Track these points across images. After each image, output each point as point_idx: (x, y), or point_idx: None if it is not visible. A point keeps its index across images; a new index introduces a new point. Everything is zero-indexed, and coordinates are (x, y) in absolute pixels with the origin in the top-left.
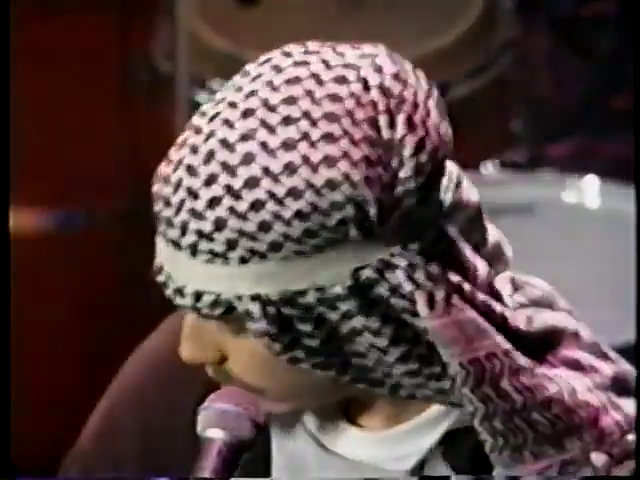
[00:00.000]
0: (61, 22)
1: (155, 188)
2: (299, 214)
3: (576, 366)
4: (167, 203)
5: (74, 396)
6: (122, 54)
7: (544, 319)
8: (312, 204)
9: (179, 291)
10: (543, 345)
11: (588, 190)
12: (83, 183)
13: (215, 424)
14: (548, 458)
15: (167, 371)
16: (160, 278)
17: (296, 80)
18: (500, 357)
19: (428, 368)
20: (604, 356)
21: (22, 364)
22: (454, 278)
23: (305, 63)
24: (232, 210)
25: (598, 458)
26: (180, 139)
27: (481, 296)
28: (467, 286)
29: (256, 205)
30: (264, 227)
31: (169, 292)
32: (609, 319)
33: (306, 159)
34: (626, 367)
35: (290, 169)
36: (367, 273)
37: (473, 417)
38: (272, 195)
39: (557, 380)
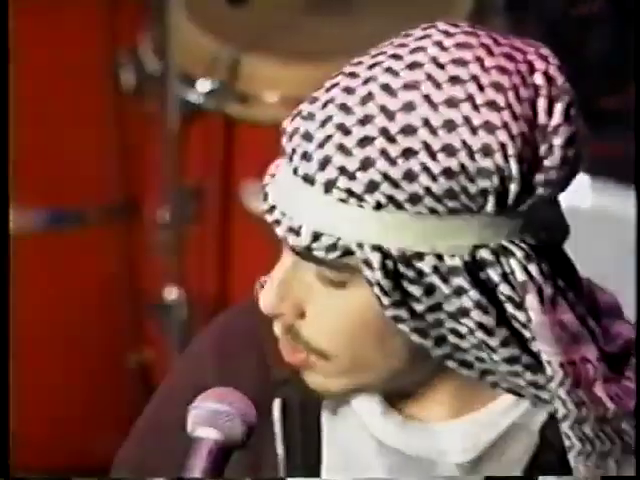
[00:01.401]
0: (47, 20)
1: (291, 124)
2: (447, 172)
3: None
4: (308, 137)
5: (64, 395)
6: (111, 53)
7: (618, 330)
8: (462, 165)
9: (295, 230)
10: (621, 359)
11: (579, 189)
12: (72, 182)
13: (206, 423)
14: (630, 468)
15: (216, 370)
16: (272, 217)
17: (467, 45)
18: (594, 363)
19: (527, 357)
20: None
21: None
22: (560, 282)
23: (475, 34)
24: (383, 152)
25: None
26: (328, 83)
27: (579, 306)
28: (570, 293)
29: (408, 153)
30: (410, 176)
31: (282, 230)
32: None
33: (467, 120)
34: None
35: (449, 126)
36: (484, 253)
37: (563, 420)
38: (426, 146)
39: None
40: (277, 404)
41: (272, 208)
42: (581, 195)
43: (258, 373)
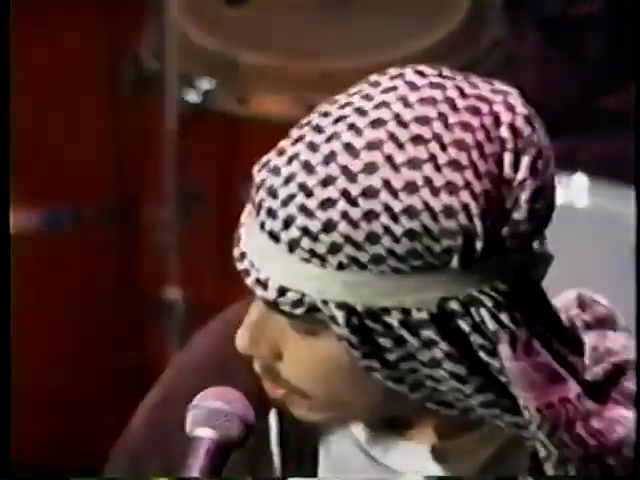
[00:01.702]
0: (46, 21)
1: (259, 176)
2: (410, 233)
3: None
4: (273, 194)
5: (64, 395)
6: (109, 53)
7: (609, 346)
8: (425, 227)
9: (262, 283)
10: (608, 381)
11: (577, 189)
12: (70, 183)
13: (204, 423)
14: None
15: (216, 369)
16: (242, 266)
17: (431, 101)
18: (573, 402)
19: (504, 400)
20: None
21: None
22: (536, 325)
23: (441, 86)
24: (345, 215)
25: None
26: (294, 133)
27: (556, 344)
28: (546, 334)
29: (370, 215)
30: (372, 239)
31: (250, 281)
32: None
33: (429, 181)
34: None
35: (411, 187)
36: (453, 305)
37: (545, 460)
38: (388, 209)
39: (624, 422)
40: (273, 413)
41: (242, 255)
42: (580, 195)
43: (256, 375)
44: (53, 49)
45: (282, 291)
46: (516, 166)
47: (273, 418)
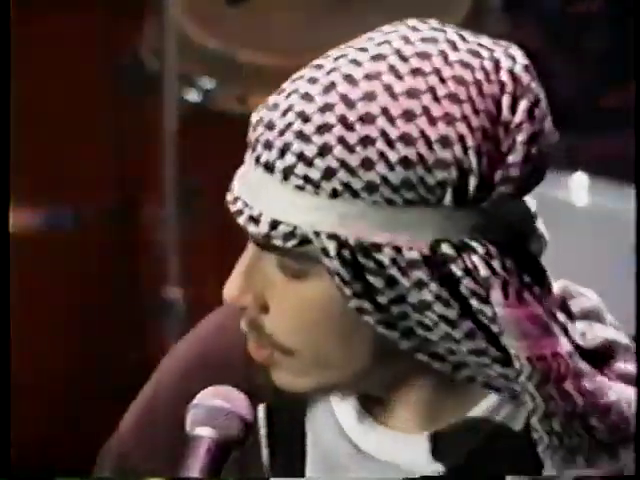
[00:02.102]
0: (47, 21)
1: (256, 116)
2: (404, 161)
3: (631, 380)
4: (270, 126)
5: (64, 394)
6: (109, 53)
7: (596, 334)
8: (420, 155)
9: (254, 219)
10: (599, 358)
11: (577, 188)
12: (70, 182)
13: (204, 422)
14: (601, 465)
15: (205, 367)
16: (234, 207)
17: (432, 40)
18: (565, 358)
19: (495, 350)
20: None
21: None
22: (526, 277)
23: (443, 30)
24: (341, 140)
25: None
26: (295, 74)
27: (547, 301)
28: (537, 288)
29: (366, 140)
30: (367, 164)
31: (243, 220)
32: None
33: (427, 110)
34: None
35: (409, 115)
36: (445, 248)
37: (532, 414)
38: (384, 135)
39: (616, 389)
40: (262, 408)
41: (236, 199)
42: (580, 194)
43: (244, 375)
44: (53, 49)
45: (274, 224)
46: (514, 109)
47: (261, 413)
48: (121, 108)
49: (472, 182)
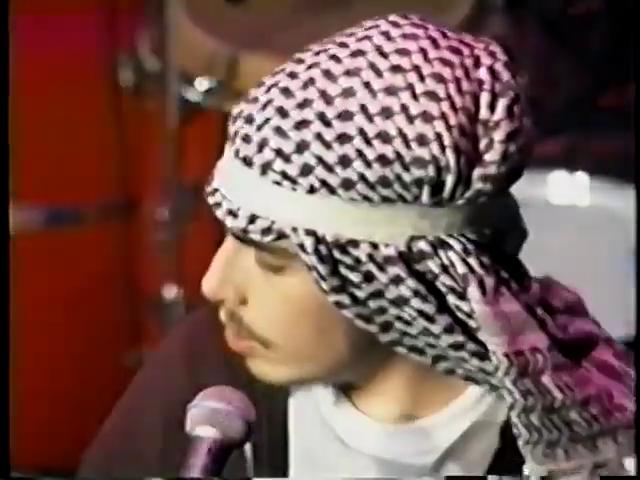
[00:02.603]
0: (47, 20)
1: (236, 110)
2: (382, 158)
3: (611, 372)
4: (249, 120)
5: (63, 394)
6: (110, 52)
7: (579, 327)
8: (397, 153)
9: (233, 212)
10: (578, 350)
11: (577, 188)
12: (70, 181)
13: (205, 422)
14: (581, 458)
15: (184, 371)
16: (213, 199)
17: (413, 37)
18: (543, 352)
19: (473, 344)
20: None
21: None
22: (503, 274)
23: (423, 27)
24: (319, 136)
25: (631, 463)
26: (276, 68)
27: (525, 296)
28: (514, 284)
29: (343, 138)
30: (344, 161)
31: (221, 213)
32: (598, 317)
33: (405, 108)
34: None
35: (387, 113)
36: (422, 245)
37: (510, 409)
38: (362, 132)
39: (595, 381)
40: None
41: (214, 191)
42: (580, 194)
43: (226, 373)
44: (55, 49)
45: (252, 219)
46: (493, 107)
47: None
48: (121, 108)
49: (449, 180)
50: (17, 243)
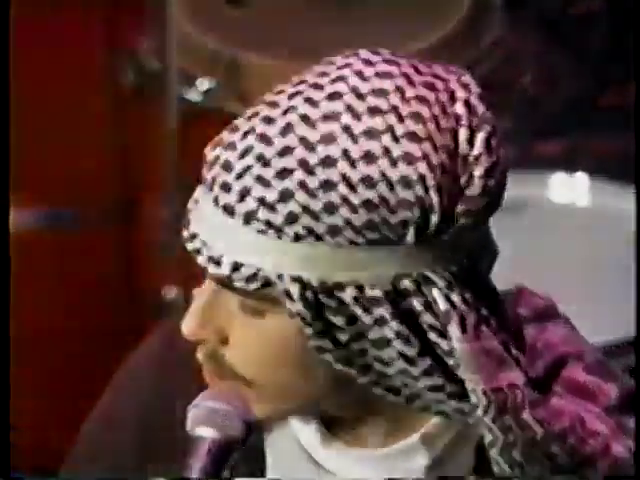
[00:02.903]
0: (47, 20)
1: (211, 153)
2: (367, 203)
3: (582, 391)
4: (227, 167)
5: (64, 395)
6: (110, 52)
7: (546, 343)
8: (382, 197)
9: (215, 260)
10: (548, 375)
11: (577, 188)
12: (70, 182)
13: (205, 422)
14: None
15: (165, 370)
16: (192, 246)
17: (388, 75)
18: (521, 388)
19: (451, 385)
20: (609, 375)
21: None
22: (484, 310)
23: (396, 63)
24: (302, 185)
25: None
26: (249, 111)
27: (502, 334)
28: (493, 320)
29: (327, 185)
30: (330, 208)
31: (202, 260)
32: (599, 317)
33: (387, 151)
34: (630, 383)
35: (369, 157)
36: (406, 283)
37: (491, 447)
38: (345, 178)
39: (567, 410)
40: None
41: (193, 237)
42: (580, 194)
43: (196, 387)
44: (55, 49)
45: (236, 266)
46: (471, 142)
47: None
48: (121, 108)
49: (433, 219)
50: (18, 244)
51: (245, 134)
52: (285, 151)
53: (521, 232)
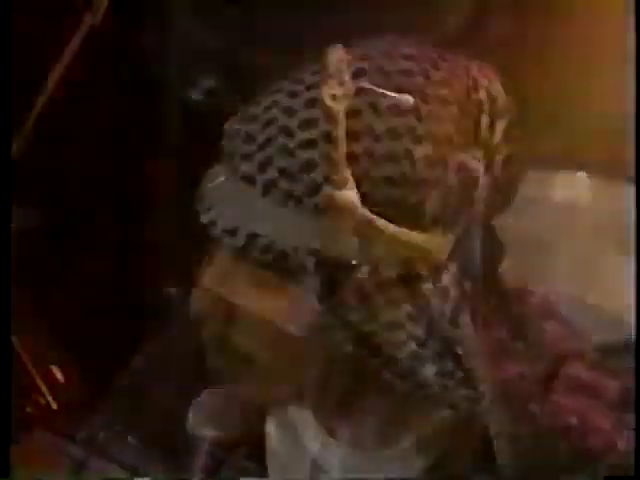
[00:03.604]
0: (47, 21)
1: (232, 127)
2: (388, 180)
3: (583, 388)
4: (250, 138)
5: (63, 395)
6: (110, 52)
7: (548, 339)
8: (403, 174)
9: (231, 231)
10: (550, 374)
11: (577, 188)
12: (71, 182)
13: (205, 422)
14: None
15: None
16: (208, 217)
17: (412, 57)
18: (528, 380)
19: (459, 372)
20: (609, 372)
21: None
22: (492, 302)
23: (422, 48)
24: (327, 156)
25: None
26: (272, 87)
27: (509, 326)
28: (500, 313)
29: (351, 158)
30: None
31: (217, 232)
32: (599, 316)
33: (412, 130)
34: (630, 380)
35: (393, 134)
36: (420, 267)
37: (496, 437)
38: (369, 154)
39: (571, 408)
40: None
41: (208, 209)
42: (580, 194)
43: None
44: (53, 49)
45: (252, 237)
46: (492, 129)
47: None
48: (121, 107)
49: (452, 201)
50: (18, 244)
51: (268, 107)
52: (309, 122)
53: (522, 231)
